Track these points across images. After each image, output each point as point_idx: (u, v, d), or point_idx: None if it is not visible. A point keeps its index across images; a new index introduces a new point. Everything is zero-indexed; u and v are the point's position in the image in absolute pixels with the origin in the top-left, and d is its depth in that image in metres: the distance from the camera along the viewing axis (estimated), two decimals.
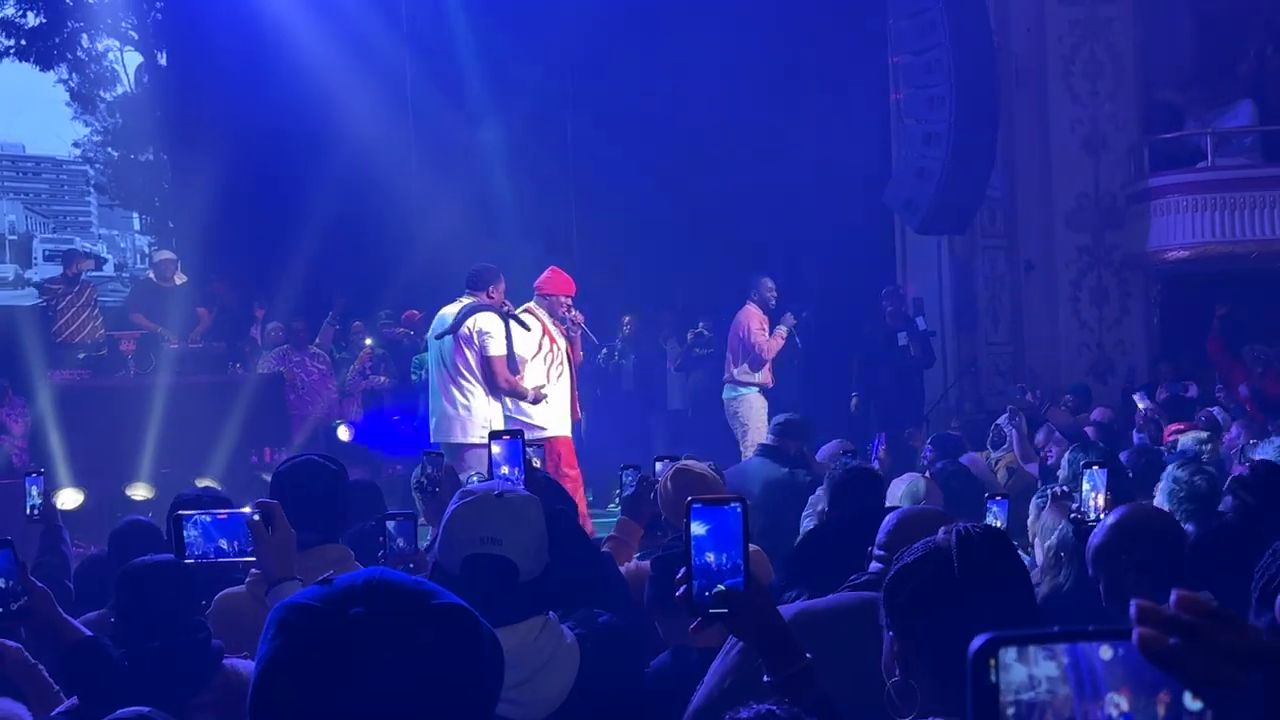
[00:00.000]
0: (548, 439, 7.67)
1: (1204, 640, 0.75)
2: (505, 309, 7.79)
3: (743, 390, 10.15)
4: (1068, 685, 0.78)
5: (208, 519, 2.70)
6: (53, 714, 2.93)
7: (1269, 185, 11.76)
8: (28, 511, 4.98)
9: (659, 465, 4.73)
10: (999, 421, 7.89)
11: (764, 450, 6.72)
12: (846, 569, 2.14)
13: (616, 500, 6.45)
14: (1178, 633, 0.76)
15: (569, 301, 8.11)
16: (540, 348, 7.87)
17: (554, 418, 7.87)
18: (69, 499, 7.97)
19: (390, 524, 3.97)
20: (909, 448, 9.30)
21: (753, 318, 10.21)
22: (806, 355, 11.55)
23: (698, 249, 12.91)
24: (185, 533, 2.68)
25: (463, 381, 7.68)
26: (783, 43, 12.63)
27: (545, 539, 2.39)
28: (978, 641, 0.79)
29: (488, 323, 7.60)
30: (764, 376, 10.16)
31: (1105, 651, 0.78)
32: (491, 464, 3.36)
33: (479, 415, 7.63)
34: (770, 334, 10.15)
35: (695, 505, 2.00)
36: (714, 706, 2.50)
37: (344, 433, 11.02)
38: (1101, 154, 12.77)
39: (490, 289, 7.79)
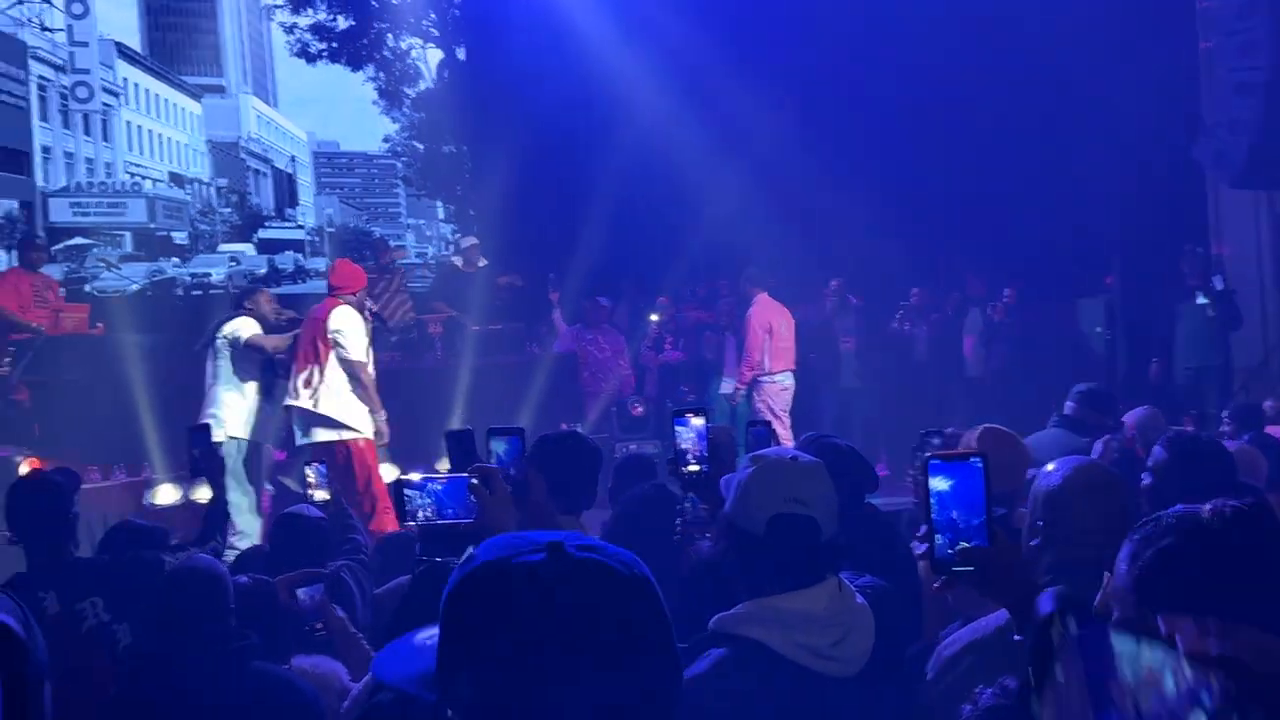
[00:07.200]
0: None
1: None
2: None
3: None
4: None
5: (433, 486, 2.69)
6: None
7: None
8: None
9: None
10: None
11: (1062, 421, 6.41)
12: None
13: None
14: None
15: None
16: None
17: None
18: (386, 475, 8.35)
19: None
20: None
21: None
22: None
23: (990, 218, 12.50)
24: (405, 497, 2.69)
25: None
26: None
27: (837, 503, 2.41)
28: None
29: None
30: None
31: None
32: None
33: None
34: None
35: (934, 461, 1.95)
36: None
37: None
38: None
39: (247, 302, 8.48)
